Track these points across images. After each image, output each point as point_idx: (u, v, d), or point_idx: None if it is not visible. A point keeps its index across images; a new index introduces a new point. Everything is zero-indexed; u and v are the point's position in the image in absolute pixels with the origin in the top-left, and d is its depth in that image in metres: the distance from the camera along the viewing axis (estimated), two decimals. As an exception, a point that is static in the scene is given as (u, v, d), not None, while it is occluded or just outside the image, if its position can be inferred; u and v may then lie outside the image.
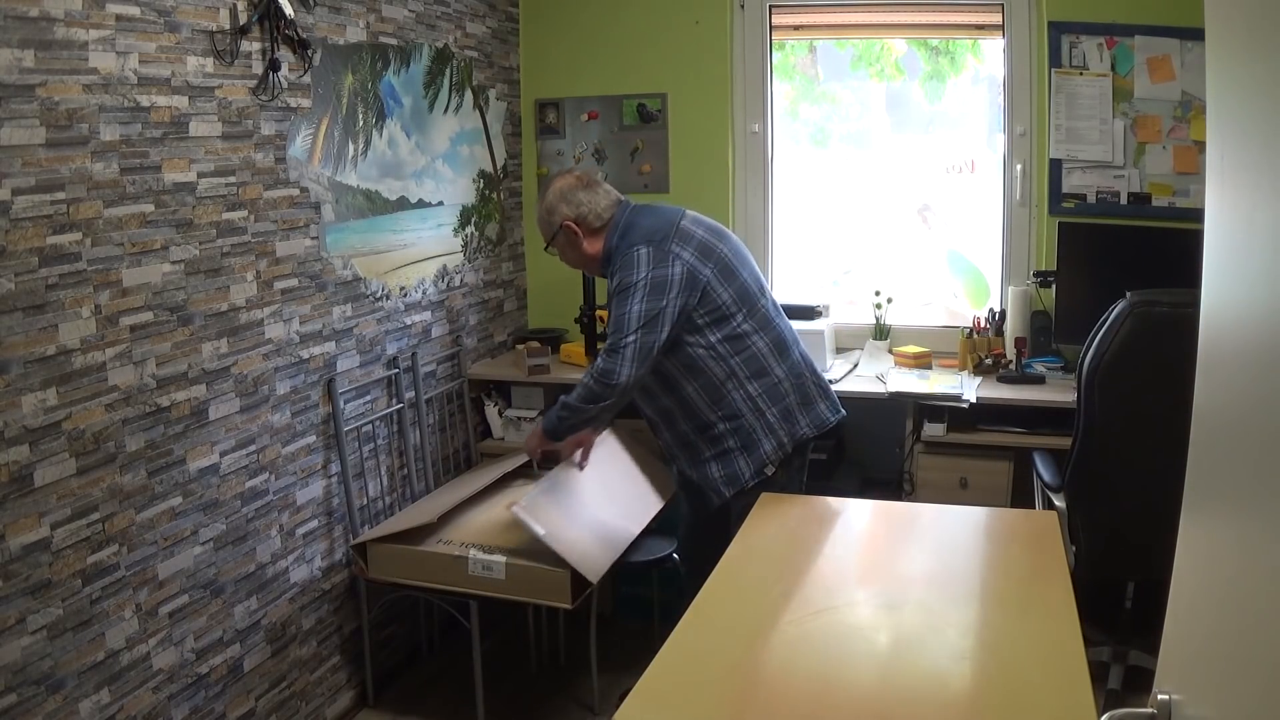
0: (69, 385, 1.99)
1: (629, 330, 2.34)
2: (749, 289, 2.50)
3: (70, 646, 2.02)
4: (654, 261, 2.39)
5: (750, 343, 2.47)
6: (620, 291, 2.40)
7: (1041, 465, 2.77)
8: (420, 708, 2.99)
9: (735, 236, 2.63)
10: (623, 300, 2.38)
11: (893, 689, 1.56)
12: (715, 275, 2.44)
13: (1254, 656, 0.84)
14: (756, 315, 2.49)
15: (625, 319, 2.36)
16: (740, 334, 2.46)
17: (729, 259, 2.50)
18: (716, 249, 2.48)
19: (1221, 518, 0.99)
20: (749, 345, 2.47)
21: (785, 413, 2.49)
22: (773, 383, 2.48)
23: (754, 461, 2.48)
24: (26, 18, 1.86)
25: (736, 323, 2.46)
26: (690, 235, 2.47)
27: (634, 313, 2.35)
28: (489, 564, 2.55)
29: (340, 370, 2.83)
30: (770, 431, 2.47)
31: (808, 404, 2.53)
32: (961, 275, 3.73)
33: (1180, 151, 3.21)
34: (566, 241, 2.59)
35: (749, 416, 2.47)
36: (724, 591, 1.90)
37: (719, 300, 2.44)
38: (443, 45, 3.28)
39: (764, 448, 2.47)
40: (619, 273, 2.42)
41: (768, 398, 2.47)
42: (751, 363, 2.47)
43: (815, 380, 2.58)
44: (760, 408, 2.47)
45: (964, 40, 3.60)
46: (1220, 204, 0.99)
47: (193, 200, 2.28)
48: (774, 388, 2.48)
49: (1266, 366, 0.84)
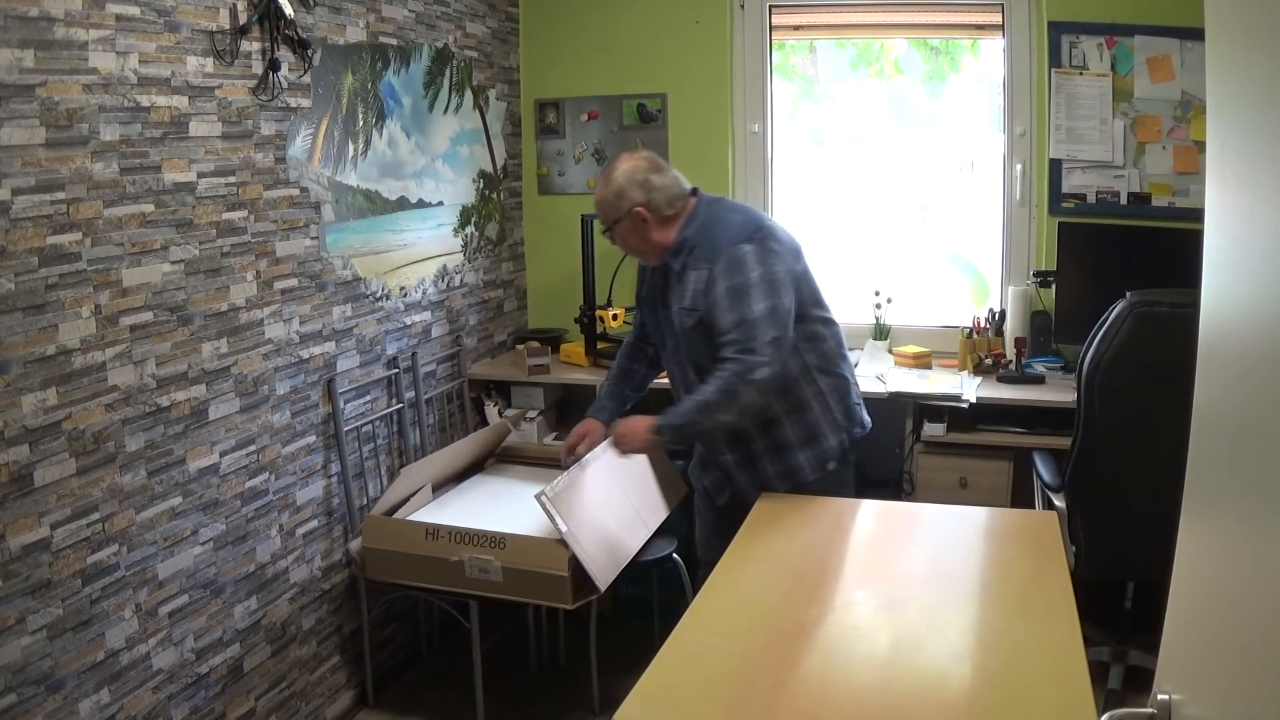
0: (69, 385, 1.99)
1: (759, 330, 2.24)
2: (817, 287, 2.47)
3: (70, 646, 2.02)
4: (761, 260, 2.28)
5: (822, 339, 2.44)
6: (735, 292, 2.27)
7: (1041, 465, 2.77)
8: (420, 708, 2.99)
9: None
10: (740, 302, 2.26)
11: (893, 689, 1.56)
12: (803, 273, 2.40)
13: (1254, 656, 0.84)
14: (825, 312, 2.46)
15: (751, 321, 2.25)
16: (815, 330, 2.42)
17: (804, 257, 2.46)
18: (797, 247, 2.45)
19: (1221, 518, 0.99)
20: (823, 341, 2.44)
21: (848, 411, 2.47)
22: (840, 380, 2.46)
23: (817, 457, 2.42)
24: (26, 18, 1.86)
25: (813, 318, 2.42)
26: (779, 233, 2.40)
27: (759, 311, 2.25)
28: (485, 565, 2.55)
29: (340, 370, 2.83)
30: (835, 428, 2.44)
31: (861, 404, 2.54)
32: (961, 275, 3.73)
33: (1180, 151, 3.21)
34: (631, 228, 2.42)
35: (816, 411, 2.42)
36: (724, 591, 1.90)
37: (804, 295, 2.39)
38: (443, 45, 3.28)
39: (828, 444, 2.43)
40: (726, 275, 2.28)
41: (836, 393, 2.45)
42: (823, 358, 2.44)
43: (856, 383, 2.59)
44: (829, 404, 2.43)
45: (963, 40, 3.60)
46: (1220, 204, 0.99)
47: (193, 200, 2.28)
48: (841, 385, 2.46)
49: (1266, 366, 0.84)
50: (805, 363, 2.40)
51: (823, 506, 2.34)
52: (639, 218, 2.40)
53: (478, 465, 3.24)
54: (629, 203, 2.39)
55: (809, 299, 2.42)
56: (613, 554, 2.64)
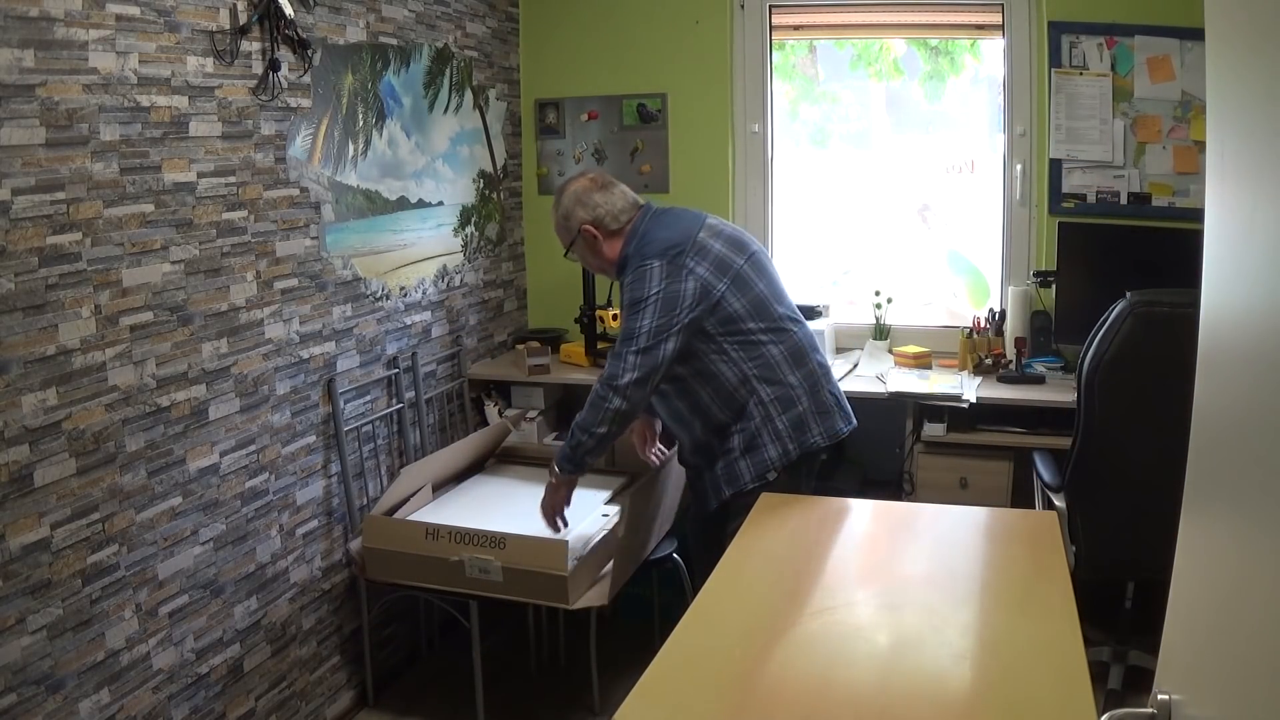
0: (69, 385, 1.99)
1: (636, 344, 2.35)
2: (764, 299, 2.48)
3: (70, 646, 2.02)
4: (667, 277, 2.36)
5: (763, 349, 2.45)
6: (631, 305, 2.38)
7: (1041, 465, 2.77)
8: (420, 708, 2.99)
9: (757, 245, 2.60)
10: (634, 315, 2.37)
11: (893, 689, 1.56)
12: (730, 288, 2.42)
13: (1254, 656, 0.84)
14: (770, 323, 2.47)
15: (635, 332, 2.35)
16: (753, 340, 2.45)
17: (746, 271, 2.47)
18: (733, 263, 2.45)
19: (1221, 518, 0.99)
20: (761, 351, 2.45)
21: (797, 421, 2.46)
22: (785, 389, 2.46)
23: (756, 465, 2.46)
24: (26, 18, 1.86)
25: (749, 330, 2.44)
26: (707, 249, 2.44)
27: (644, 328, 2.35)
28: (485, 565, 2.55)
29: (340, 370, 2.83)
30: (777, 438, 2.45)
31: (824, 413, 2.50)
32: (962, 275, 3.73)
33: (1180, 151, 3.21)
34: (586, 246, 2.56)
35: (757, 420, 2.46)
36: (724, 591, 1.90)
37: (731, 310, 2.42)
38: (443, 45, 3.28)
39: (768, 453, 2.45)
40: (630, 287, 2.40)
41: (779, 404, 2.46)
42: (764, 368, 2.45)
43: (832, 390, 2.56)
44: (770, 414, 2.45)
45: (963, 40, 3.60)
46: (1220, 204, 0.99)
47: (193, 200, 2.28)
48: (786, 394, 2.46)
49: (1266, 366, 0.83)
50: (744, 372, 2.44)
51: (823, 506, 2.34)
52: (589, 235, 2.53)
53: (478, 465, 3.24)
54: (577, 222, 2.53)
55: (745, 311, 2.44)
56: (634, 565, 2.67)
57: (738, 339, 2.44)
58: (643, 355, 2.35)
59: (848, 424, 2.57)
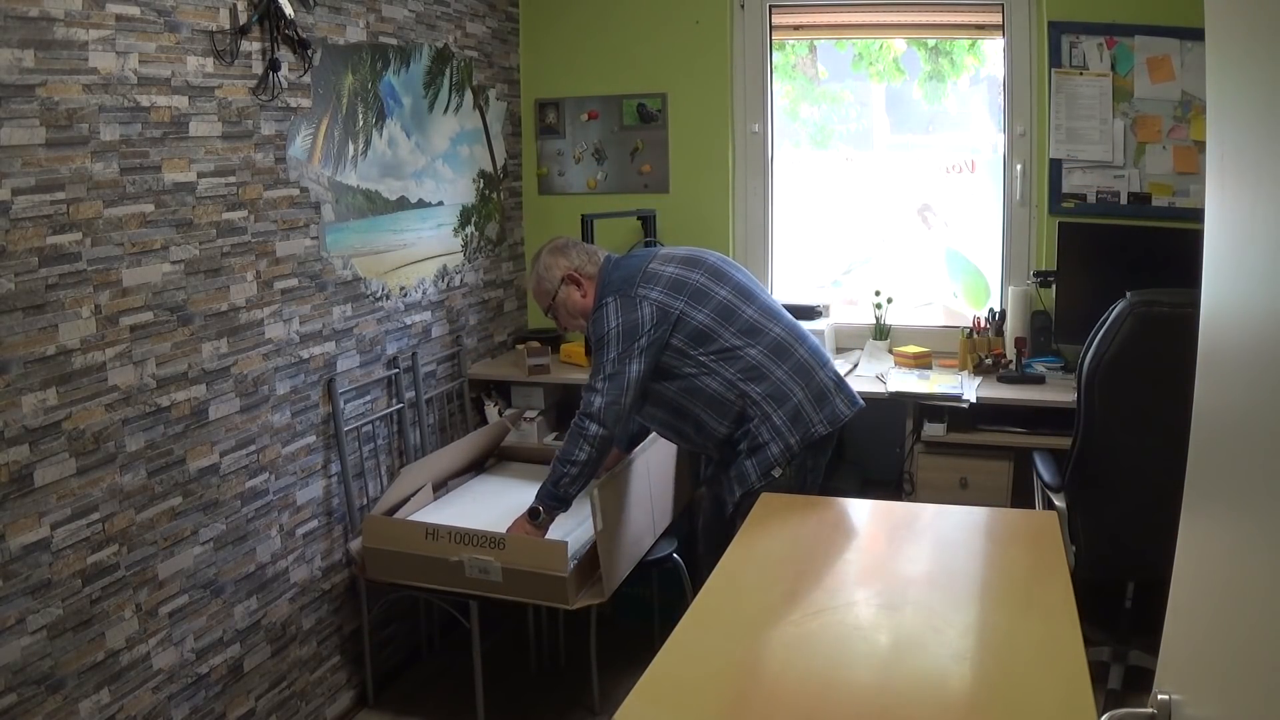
0: (69, 385, 1.99)
1: (603, 372, 2.47)
2: (729, 304, 2.52)
3: (70, 646, 2.02)
4: (622, 310, 2.48)
5: (741, 355, 2.49)
6: (597, 343, 2.49)
7: (1041, 465, 2.77)
8: (420, 708, 2.99)
9: (714, 255, 2.67)
10: (600, 350, 2.49)
11: (893, 689, 1.56)
12: (688, 304, 2.50)
13: (1254, 656, 0.84)
14: (741, 326, 2.51)
15: (601, 365, 2.47)
16: (729, 349, 2.49)
17: (702, 283, 2.53)
18: (688, 279, 2.53)
19: (1221, 518, 0.99)
20: (741, 357, 2.49)
21: (794, 413, 2.48)
22: (774, 384, 2.48)
23: (760, 464, 2.48)
24: (26, 18, 1.86)
25: (720, 338, 2.49)
26: (657, 275, 2.53)
27: (609, 358, 2.47)
28: (485, 565, 2.55)
29: (340, 370, 2.83)
30: (777, 434, 2.47)
31: (822, 400, 2.52)
32: (961, 275, 3.73)
33: (1180, 151, 3.21)
34: (567, 296, 2.66)
35: (755, 420, 2.48)
36: (724, 591, 1.90)
37: (697, 322, 2.48)
38: (443, 45, 3.28)
39: (770, 450, 2.47)
40: (594, 327, 2.51)
41: (773, 400, 2.47)
42: (748, 371, 2.48)
43: (828, 374, 2.58)
44: (766, 410, 2.47)
45: (964, 40, 3.60)
46: (1220, 204, 0.99)
47: (193, 200, 2.28)
48: (777, 389, 2.48)
49: (1266, 366, 0.83)
50: (729, 379, 2.49)
51: (823, 506, 2.34)
52: (571, 280, 2.65)
53: (478, 465, 3.24)
54: (560, 271, 2.65)
55: (711, 320, 2.50)
56: (625, 558, 2.67)
57: (714, 352, 2.49)
58: (609, 381, 2.45)
59: (851, 406, 2.58)
